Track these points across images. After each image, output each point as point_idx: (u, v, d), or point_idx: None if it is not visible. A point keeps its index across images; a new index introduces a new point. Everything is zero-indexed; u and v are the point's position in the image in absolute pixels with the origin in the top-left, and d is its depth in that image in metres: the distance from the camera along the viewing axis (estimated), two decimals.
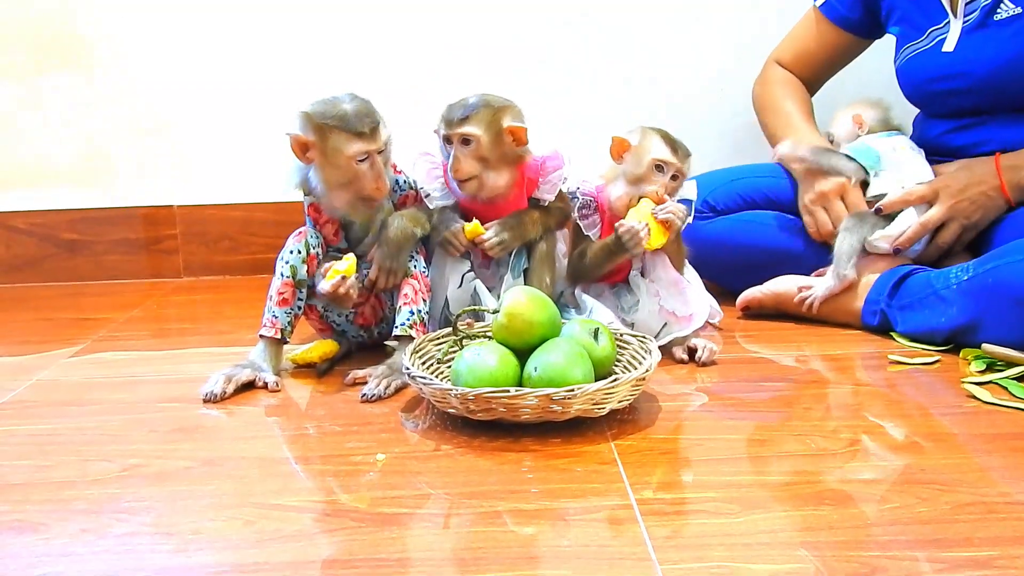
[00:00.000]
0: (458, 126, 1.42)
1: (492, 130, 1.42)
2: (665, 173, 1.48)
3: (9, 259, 2.18)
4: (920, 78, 1.71)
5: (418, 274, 1.44)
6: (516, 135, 1.44)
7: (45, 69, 2.11)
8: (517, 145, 1.45)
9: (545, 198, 1.51)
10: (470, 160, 1.43)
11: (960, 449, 1.13)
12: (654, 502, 0.99)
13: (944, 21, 1.66)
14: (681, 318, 1.49)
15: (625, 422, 1.22)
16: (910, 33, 1.72)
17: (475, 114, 1.42)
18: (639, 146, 1.49)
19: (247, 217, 2.17)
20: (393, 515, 0.98)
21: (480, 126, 1.42)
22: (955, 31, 1.64)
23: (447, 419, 1.23)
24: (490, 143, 1.42)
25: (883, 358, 1.47)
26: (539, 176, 1.50)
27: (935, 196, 1.60)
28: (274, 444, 1.20)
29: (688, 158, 1.50)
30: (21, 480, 1.09)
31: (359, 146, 1.35)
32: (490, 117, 1.42)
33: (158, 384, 1.43)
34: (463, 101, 1.45)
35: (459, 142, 1.43)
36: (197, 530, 0.95)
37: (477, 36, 2.13)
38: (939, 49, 1.66)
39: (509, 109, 1.45)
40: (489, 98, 1.45)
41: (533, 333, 1.24)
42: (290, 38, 2.11)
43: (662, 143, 1.48)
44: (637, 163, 1.48)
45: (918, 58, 1.70)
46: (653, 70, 2.15)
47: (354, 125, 1.35)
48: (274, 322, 1.40)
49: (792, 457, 1.11)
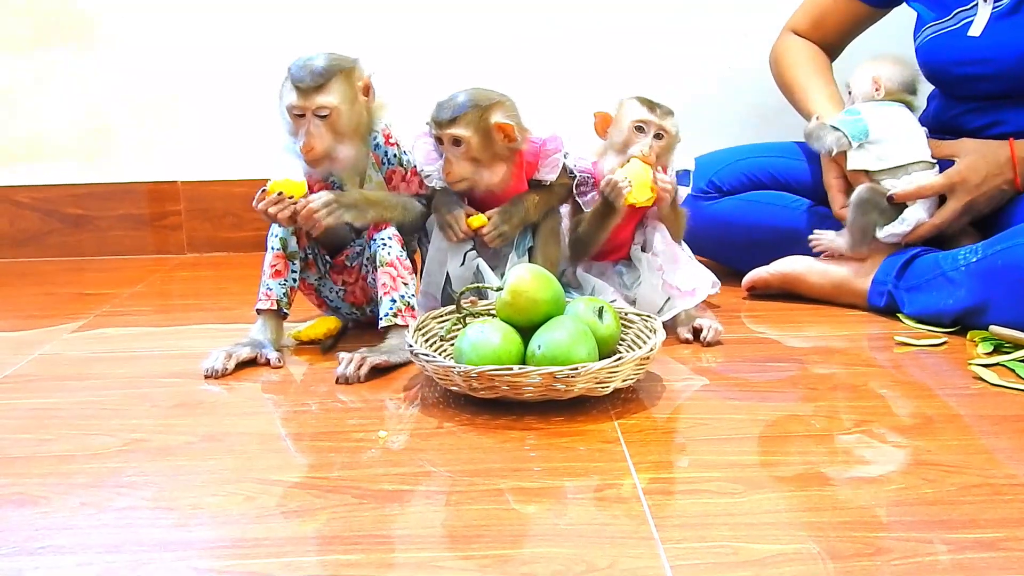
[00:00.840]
0: (447, 127, 1.39)
1: (481, 130, 1.39)
2: (647, 133, 1.46)
3: (13, 234, 2.17)
4: (943, 59, 1.65)
5: (394, 261, 1.39)
6: (506, 132, 1.40)
7: (48, 43, 2.10)
8: (508, 142, 1.42)
9: (547, 179, 1.49)
10: (461, 162, 1.41)
11: (966, 431, 1.12)
12: (657, 481, 0.99)
13: (972, 3, 1.60)
14: (685, 292, 1.48)
15: (629, 401, 1.21)
16: (934, 10, 1.66)
17: (463, 115, 1.38)
18: (618, 114, 1.49)
19: (251, 193, 2.11)
20: (395, 492, 0.97)
21: (469, 128, 1.39)
22: (983, 15, 1.59)
23: (450, 396, 1.23)
24: (480, 144, 1.40)
25: (890, 339, 1.46)
26: (539, 158, 1.48)
27: (951, 190, 1.56)
28: (275, 420, 1.20)
29: (669, 116, 1.48)
30: (22, 454, 1.08)
31: (291, 98, 1.34)
32: (478, 117, 1.39)
33: (160, 359, 1.42)
34: (452, 99, 1.41)
35: (449, 143, 1.41)
36: (197, 504, 0.95)
37: (480, 23, 2.11)
38: (964, 32, 1.60)
39: (499, 105, 1.41)
40: (477, 95, 1.41)
41: (537, 311, 1.23)
42: (295, 12, 2.09)
43: (638, 104, 1.47)
44: (619, 130, 1.48)
45: (942, 39, 1.64)
46: (656, 50, 2.13)
47: (295, 77, 1.33)
48: (269, 294, 1.40)
49: (796, 438, 1.10)
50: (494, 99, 1.42)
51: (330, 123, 1.35)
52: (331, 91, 1.34)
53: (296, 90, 1.33)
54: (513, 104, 1.44)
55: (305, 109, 1.33)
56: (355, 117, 1.38)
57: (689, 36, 2.13)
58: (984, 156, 1.56)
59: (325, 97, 1.33)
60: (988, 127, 1.64)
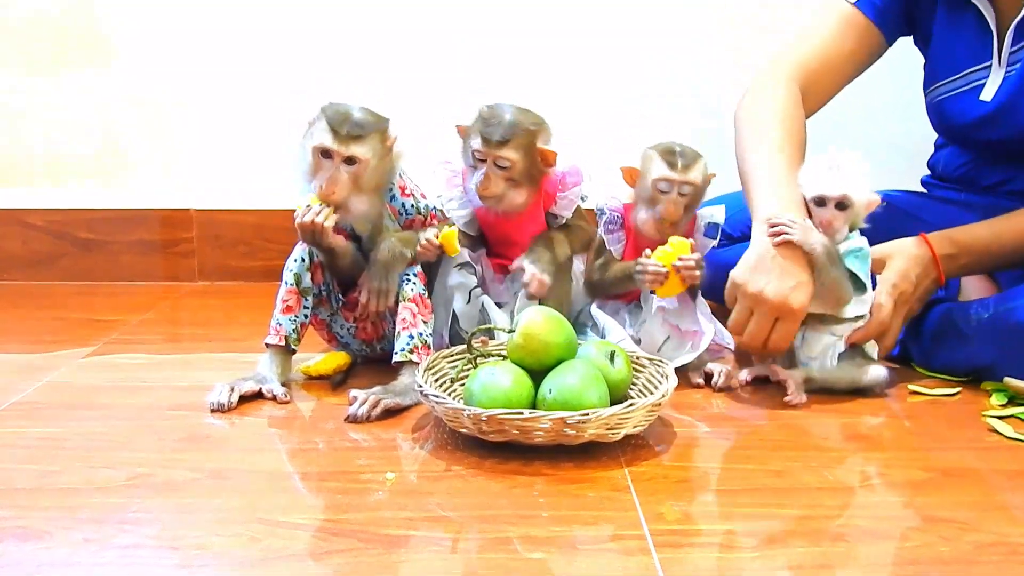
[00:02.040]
0: (496, 148, 1.41)
1: (528, 155, 1.42)
2: (671, 191, 1.46)
3: (25, 256, 2.17)
4: (957, 123, 1.59)
5: (416, 297, 1.40)
6: (547, 159, 1.43)
7: (67, 65, 2.11)
8: (545, 166, 1.44)
9: (562, 215, 1.49)
10: (500, 181, 1.43)
11: (982, 485, 1.11)
12: (668, 532, 0.97)
13: (986, 64, 1.54)
14: (685, 332, 1.47)
15: (639, 447, 1.20)
16: (945, 67, 1.59)
17: (514, 139, 1.41)
18: (642, 168, 1.48)
19: (262, 223, 2.16)
20: (400, 537, 0.96)
21: (518, 151, 1.41)
22: (995, 80, 1.52)
23: (459, 438, 1.21)
24: (523, 167, 1.42)
25: (903, 388, 1.45)
26: (557, 191, 1.48)
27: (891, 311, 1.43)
28: (282, 457, 1.19)
29: (692, 167, 1.46)
30: (27, 485, 1.07)
31: (326, 139, 1.34)
32: (527, 141, 1.41)
33: (168, 390, 1.42)
34: (499, 117, 1.42)
35: (492, 162, 1.41)
36: (202, 545, 0.94)
37: (491, 50, 2.12)
38: (977, 96, 1.54)
39: (542, 131, 1.44)
40: (523, 117, 1.43)
41: (549, 354, 1.22)
42: (311, 45, 2.10)
43: (660, 161, 1.46)
44: (643, 186, 1.47)
45: (954, 101, 1.58)
46: (673, 89, 2.14)
47: (333, 121, 1.34)
48: (278, 330, 1.39)
49: (809, 490, 1.08)
50: (539, 122, 1.44)
51: (355, 173, 1.35)
52: (365, 143, 1.35)
53: (332, 132, 1.33)
54: (550, 130, 1.46)
55: (337, 153, 1.34)
56: (377, 174, 1.39)
57: (706, 74, 2.13)
58: (911, 259, 1.45)
59: (359, 147, 1.34)
60: (1002, 184, 1.62)
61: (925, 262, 1.44)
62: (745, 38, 2.12)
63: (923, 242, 1.46)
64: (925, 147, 1.81)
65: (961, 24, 1.56)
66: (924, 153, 1.82)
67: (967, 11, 1.55)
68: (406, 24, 2.10)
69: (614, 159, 1.52)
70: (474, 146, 1.43)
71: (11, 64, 2.11)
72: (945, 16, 1.59)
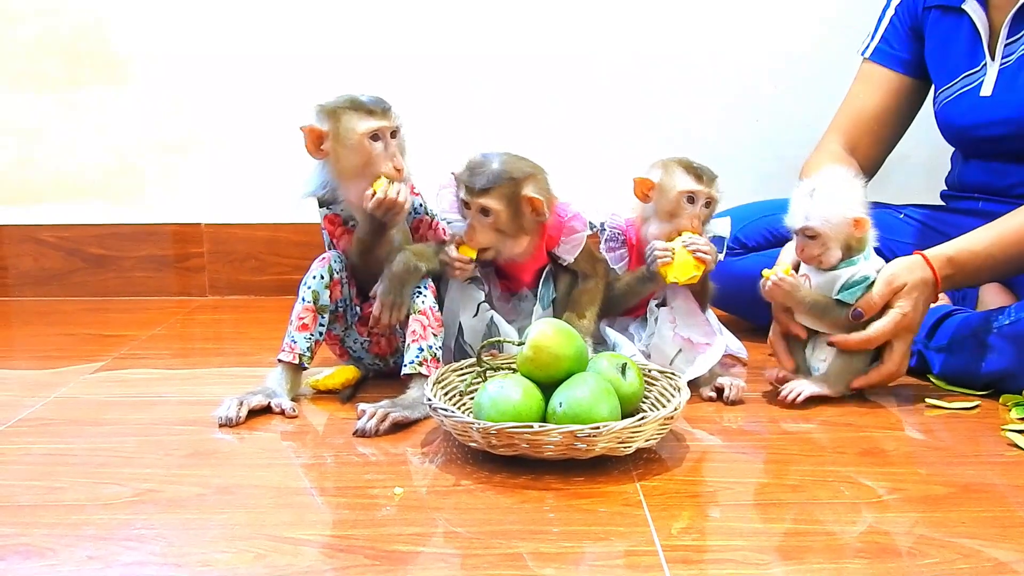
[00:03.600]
0: (478, 196, 1.38)
1: (512, 204, 1.39)
2: (696, 203, 1.44)
3: (36, 272, 2.18)
4: (959, 124, 1.63)
5: (427, 310, 1.39)
6: (535, 207, 1.39)
7: (79, 83, 2.12)
8: (536, 216, 1.41)
9: (564, 258, 1.47)
10: (487, 231, 1.40)
11: (1001, 502, 1.08)
12: (680, 548, 0.95)
13: (980, 64, 1.59)
14: (697, 344, 1.45)
15: (651, 462, 1.18)
16: (943, 76, 1.65)
17: (496, 187, 1.37)
18: (663, 182, 1.45)
19: (273, 237, 2.16)
20: (408, 553, 0.94)
21: (501, 201, 1.38)
22: (992, 74, 1.57)
23: (468, 452, 1.20)
24: (509, 217, 1.39)
25: (920, 401, 1.43)
26: (560, 233, 1.46)
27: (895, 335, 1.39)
28: (290, 473, 1.17)
29: (714, 181, 1.46)
30: (31, 502, 1.06)
31: (370, 122, 1.33)
32: (511, 191, 1.38)
33: (177, 405, 1.41)
34: (485, 166, 1.39)
35: (477, 211, 1.40)
36: (207, 562, 0.93)
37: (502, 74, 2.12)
38: (976, 93, 1.59)
39: (532, 178, 1.40)
40: (511, 165, 1.39)
41: (559, 367, 1.21)
42: (321, 61, 2.10)
43: (686, 174, 1.44)
44: (666, 199, 1.45)
45: (956, 104, 1.63)
46: (682, 101, 2.13)
47: (365, 104, 1.34)
48: (292, 347, 1.38)
49: (824, 505, 1.06)
50: (527, 171, 1.40)
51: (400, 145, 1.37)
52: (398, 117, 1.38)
53: (380, 112, 1.35)
54: (545, 176, 1.43)
55: (384, 131, 1.35)
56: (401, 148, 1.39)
57: (717, 88, 2.12)
58: (919, 286, 1.39)
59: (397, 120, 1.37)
60: (1015, 186, 1.61)
61: (929, 283, 1.40)
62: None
63: (926, 265, 1.40)
64: (942, 162, 1.80)
65: (954, 31, 1.62)
66: (940, 167, 1.81)
67: (959, 17, 1.60)
68: (418, 46, 2.10)
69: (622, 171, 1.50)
70: (460, 195, 1.42)
71: (24, 83, 2.11)
72: (937, 26, 1.64)
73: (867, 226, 1.38)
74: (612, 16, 2.10)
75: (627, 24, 2.11)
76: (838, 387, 1.42)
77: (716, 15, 2.11)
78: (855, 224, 1.36)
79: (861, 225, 1.37)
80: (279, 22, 2.10)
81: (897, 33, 1.72)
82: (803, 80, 2.09)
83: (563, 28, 2.11)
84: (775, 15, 2.10)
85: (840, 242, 1.37)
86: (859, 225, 1.36)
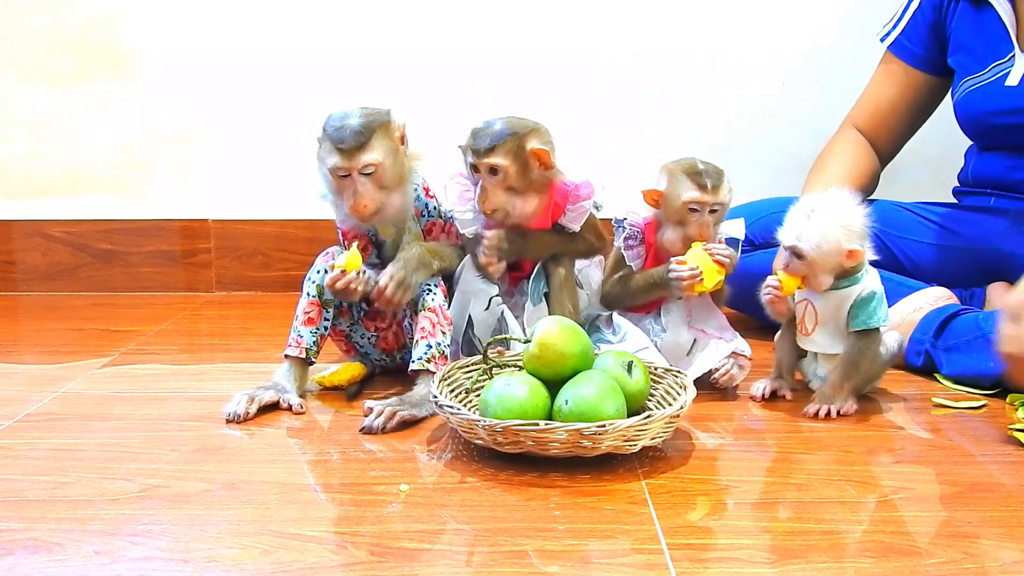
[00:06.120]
0: (485, 156, 1.39)
1: (519, 159, 1.39)
2: (701, 212, 1.44)
3: (44, 267, 2.18)
4: (980, 111, 1.65)
5: (436, 307, 1.39)
6: (541, 158, 1.40)
7: (88, 78, 2.12)
8: (544, 169, 1.41)
9: (570, 227, 1.47)
10: (498, 192, 1.40)
11: (1008, 501, 1.08)
12: (686, 547, 0.95)
13: (1009, 55, 1.61)
14: (711, 334, 1.45)
15: (657, 460, 1.18)
16: (970, 65, 1.67)
17: (501, 144, 1.38)
18: (668, 191, 1.44)
19: (280, 233, 2.16)
20: (414, 550, 0.94)
21: (507, 156, 1.38)
22: (1020, 65, 1.59)
23: (474, 449, 1.20)
24: (517, 172, 1.40)
25: (927, 400, 1.42)
26: (567, 202, 1.46)
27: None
28: (296, 469, 1.18)
29: (720, 186, 1.43)
30: (38, 497, 1.07)
31: (334, 160, 1.33)
32: (516, 145, 1.39)
33: (183, 401, 1.41)
34: (488, 128, 1.40)
35: (486, 172, 1.40)
36: (213, 557, 0.93)
37: (502, 74, 2.12)
38: (1002, 83, 1.61)
39: (535, 132, 1.41)
40: (514, 123, 1.41)
41: (565, 364, 1.21)
42: (328, 57, 2.10)
43: (689, 183, 1.42)
44: (672, 208, 1.44)
45: (979, 91, 1.65)
46: (692, 99, 2.12)
47: (336, 138, 1.32)
48: (299, 341, 1.38)
49: (831, 504, 1.06)
50: (529, 126, 1.41)
51: (376, 179, 1.34)
52: (374, 148, 1.33)
53: (339, 152, 1.32)
54: (547, 131, 1.44)
55: (351, 169, 1.33)
56: (398, 168, 1.37)
57: (724, 84, 2.12)
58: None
59: (369, 155, 1.33)
60: None
61: None
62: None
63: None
64: (952, 159, 1.80)
65: (982, 22, 1.64)
66: (951, 165, 1.81)
67: (986, 9, 1.63)
68: (420, 46, 2.11)
69: (632, 167, 1.50)
70: (468, 159, 1.42)
71: (32, 77, 2.12)
72: (965, 17, 1.67)
73: (861, 257, 1.34)
74: (618, 16, 2.10)
75: (629, 23, 2.10)
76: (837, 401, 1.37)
77: (721, 11, 2.10)
78: (848, 255, 1.33)
79: (855, 257, 1.33)
80: (287, 20, 2.10)
81: (917, 28, 1.74)
82: (811, 76, 2.09)
83: (564, 28, 2.11)
84: (784, 10, 2.09)
85: (829, 270, 1.34)
86: (852, 257, 1.33)
